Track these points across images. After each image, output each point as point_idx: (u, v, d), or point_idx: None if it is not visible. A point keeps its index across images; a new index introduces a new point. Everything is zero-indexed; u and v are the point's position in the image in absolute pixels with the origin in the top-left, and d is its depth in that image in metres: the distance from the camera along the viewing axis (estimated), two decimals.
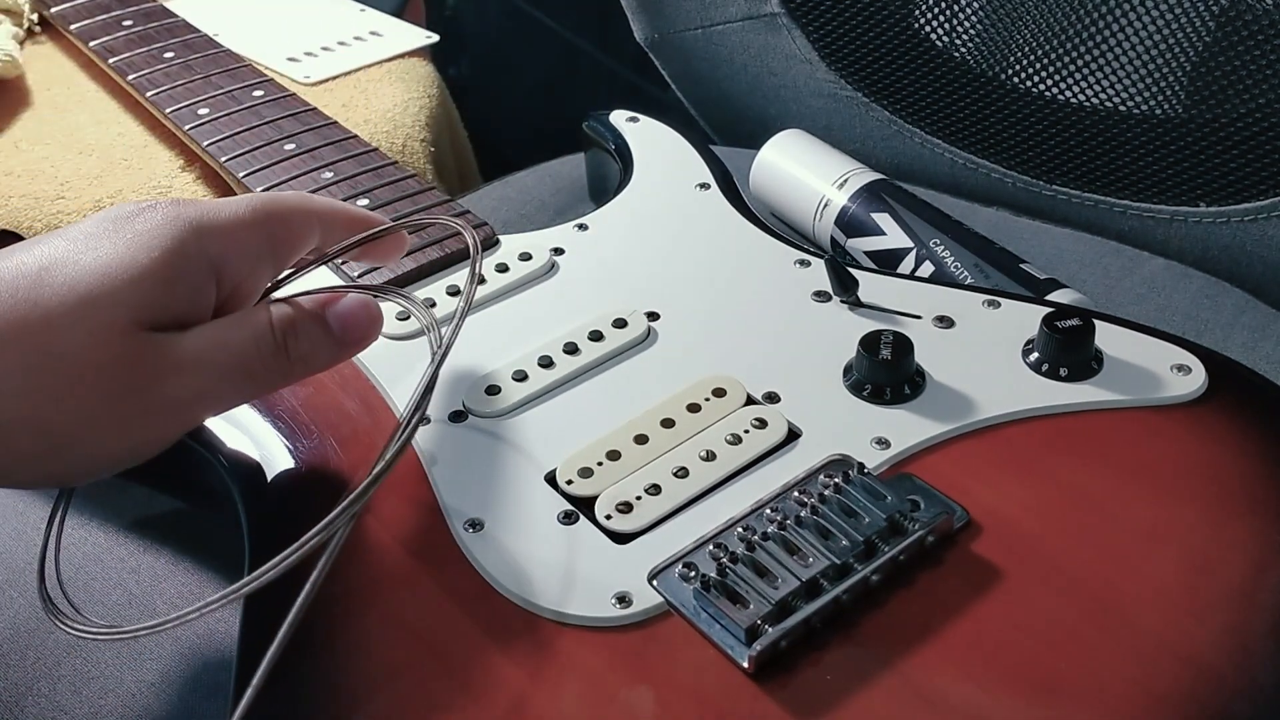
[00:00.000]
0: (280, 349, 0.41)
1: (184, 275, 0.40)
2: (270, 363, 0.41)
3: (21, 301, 0.37)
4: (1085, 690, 0.38)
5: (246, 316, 0.41)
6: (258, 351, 0.41)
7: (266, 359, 0.41)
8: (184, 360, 0.39)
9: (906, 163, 0.75)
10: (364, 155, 0.63)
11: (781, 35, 0.76)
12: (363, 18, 0.89)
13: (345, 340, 0.43)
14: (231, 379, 0.40)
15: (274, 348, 0.41)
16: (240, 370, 0.40)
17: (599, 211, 0.62)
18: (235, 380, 0.41)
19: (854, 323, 0.52)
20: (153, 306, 0.39)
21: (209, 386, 0.40)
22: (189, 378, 0.39)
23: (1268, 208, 0.64)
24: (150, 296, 0.38)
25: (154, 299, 0.39)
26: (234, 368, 0.40)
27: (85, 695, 0.47)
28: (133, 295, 0.38)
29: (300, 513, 0.45)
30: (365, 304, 0.43)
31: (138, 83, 0.71)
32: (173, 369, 0.39)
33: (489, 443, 0.48)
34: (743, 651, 0.39)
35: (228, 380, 0.40)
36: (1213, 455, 0.45)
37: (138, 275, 0.38)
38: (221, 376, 0.40)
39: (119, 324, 0.38)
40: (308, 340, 0.42)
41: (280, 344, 0.41)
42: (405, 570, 0.43)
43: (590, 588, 0.41)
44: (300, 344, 0.42)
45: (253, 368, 0.41)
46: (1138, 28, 0.64)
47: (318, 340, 0.42)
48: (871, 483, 0.43)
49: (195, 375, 0.39)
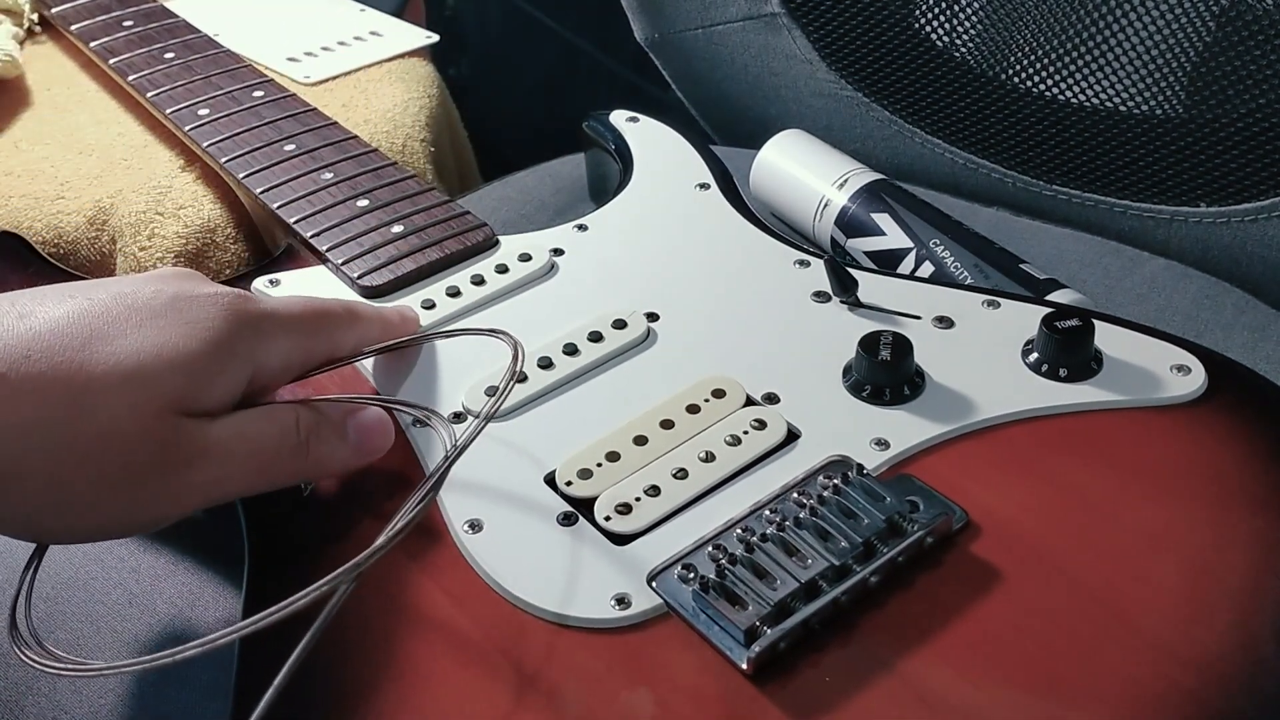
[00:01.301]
0: (301, 448, 0.42)
1: (226, 368, 0.41)
2: (288, 460, 0.42)
3: (69, 361, 0.38)
4: (1085, 691, 0.38)
5: (274, 413, 0.42)
6: (279, 447, 0.42)
7: (285, 456, 0.42)
8: (209, 448, 0.40)
9: (906, 163, 0.75)
10: (364, 155, 0.63)
11: (782, 35, 0.76)
12: (363, 18, 0.89)
13: (360, 450, 0.45)
14: (248, 470, 0.41)
15: (295, 447, 0.42)
16: (259, 463, 0.42)
17: (599, 212, 0.61)
18: (252, 471, 0.42)
19: (854, 323, 0.52)
20: (192, 395, 0.40)
21: (227, 474, 0.41)
22: (211, 465, 0.40)
23: (1268, 208, 0.63)
24: (191, 385, 0.40)
25: (194, 388, 0.40)
26: (254, 459, 0.41)
27: (85, 695, 0.47)
28: (175, 381, 0.39)
29: (299, 515, 0.46)
30: (383, 421, 0.45)
31: (138, 83, 0.71)
32: (199, 455, 0.40)
33: (489, 444, 0.48)
34: (741, 653, 0.39)
35: (245, 470, 0.41)
36: (1213, 455, 0.45)
37: (183, 363, 0.39)
38: (241, 466, 0.41)
39: (156, 405, 0.39)
40: (327, 445, 0.43)
41: (302, 443, 0.42)
42: (404, 571, 0.43)
43: (589, 589, 0.41)
44: (320, 446, 0.43)
45: (271, 462, 0.42)
46: (1138, 28, 0.64)
47: (336, 445, 0.44)
48: (871, 484, 0.43)
49: (217, 463, 0.40)
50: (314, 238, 0.57)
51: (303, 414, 0.43)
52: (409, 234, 0.58)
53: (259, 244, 0.69)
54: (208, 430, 0.40)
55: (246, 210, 0.69)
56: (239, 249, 0.69)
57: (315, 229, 0.58)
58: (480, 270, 0.56)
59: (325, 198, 0.60)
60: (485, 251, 0.58)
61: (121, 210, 0.69)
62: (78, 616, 0.49)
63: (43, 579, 0.50)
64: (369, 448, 0.45)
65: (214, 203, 0.69)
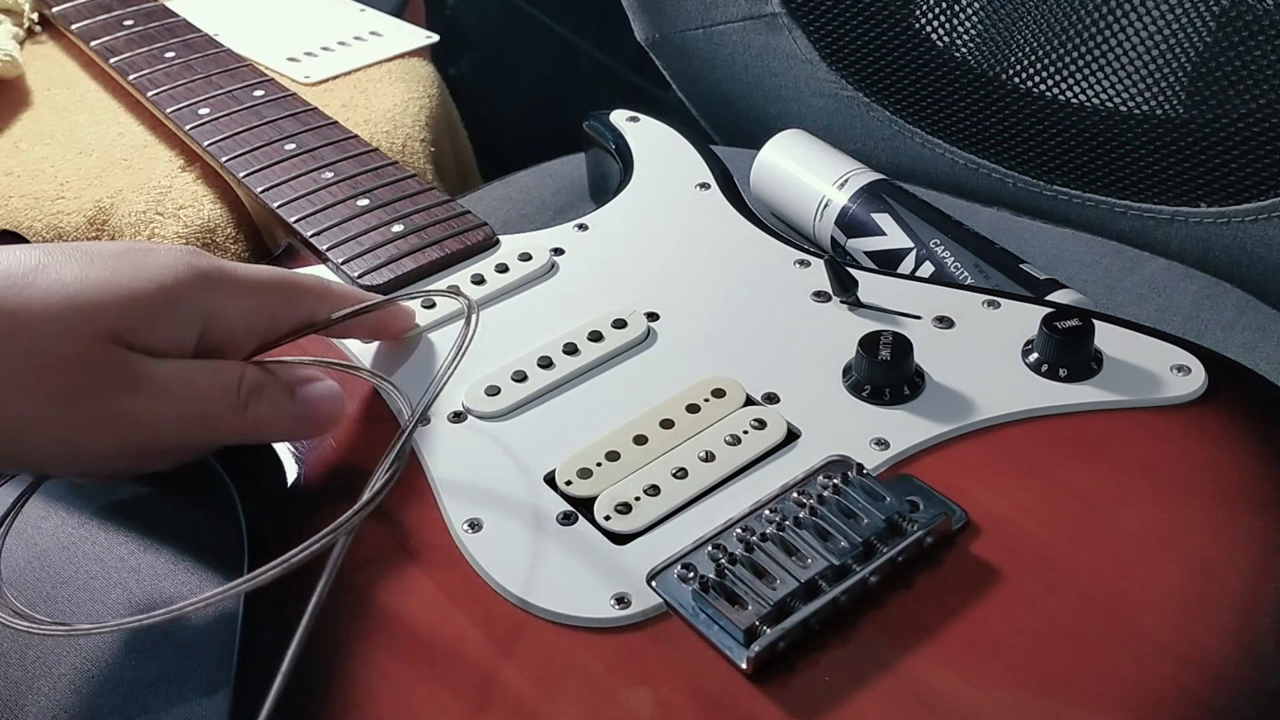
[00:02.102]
0: (240, 406, 0.42)
1: (173, 313, 0.41)
2: (226, 414, 0.42)
3: (14, 288, 0.39)
4: (1084, 692, 0.38)
5: (219, 366, 0.43)
6: (217, 399, 0.42)
7: (223, 410, 0.42)
8: (144, 380, 0.40)
9: (907, 163, 0.75)
10: (364, 155, 0.63)
11: (782, 35, 0.76)
12: (363, 18, 0.89)
13: (305, 419, 0.44)
14: (185, 415, 0.41)
15: (233, 403, 0.42)
16: (196, 410, 0.42)
17: (599, 211, 0.62)
18: (190, 418, 0.42)
19: (854, 323, 0.52)
20: (132, 328, 0.40)
21: (163, 414, 0.41)
22: (146, 398, 0.40)
23: (1268, 208, 0.63)
24: (133, 318, 0.40)
25: (136, 321, 0.40)
26: (191, 405, 0.41)
27: (85, 695, 0.47)
28: (115, 313, 0.40)
29: (297, 512, 0.46)
30: (335, 394, 0.45)
31: (138, 83, 0.71)
32: (132, 384, 0.40)
33: (488, 443, 0.48)
34: (741, 652, 0.39)
35: (182, 415, 0.41)
36: (1213, 456, 0.45)
37: (127, 296, 0.40)
38: (178, 409, 0.41)
39: (95, 330, 0.39)
40: (269, 406, 0.43)
41: (240, 402, 0.42)
42: (404, 570, 0.43)
43: (589, 588, 0.41)
44: (261, 407, 0.43)
45: (209, 412, 0.42)
46: (1138, 28, 0.64)
47: (279, 409, 0.44)
48: (870, 483, 0.43)
49: (152, 398, 0.40)
50: (314, 237, 0.57)
51: (249, 372, 0.43)
52: (409, 233, 0.58)
53: (259, 243, 0.70)
54: (147, 365, 0.40)
55: (247, 210, 0.69)
56: (239, 248, 0.69)
57: (315, 228, 0.58)
58: (480, 270, 0.56)
59: (325, 197, 0.60)
60: (485, 251, 0.58)
61: (121, 210, 0.69)
62: (77, 616, 0.49)
63: (42, 579, 0.51)
64: (315, 418, 0.45)
65: (214, 202, 0.69)
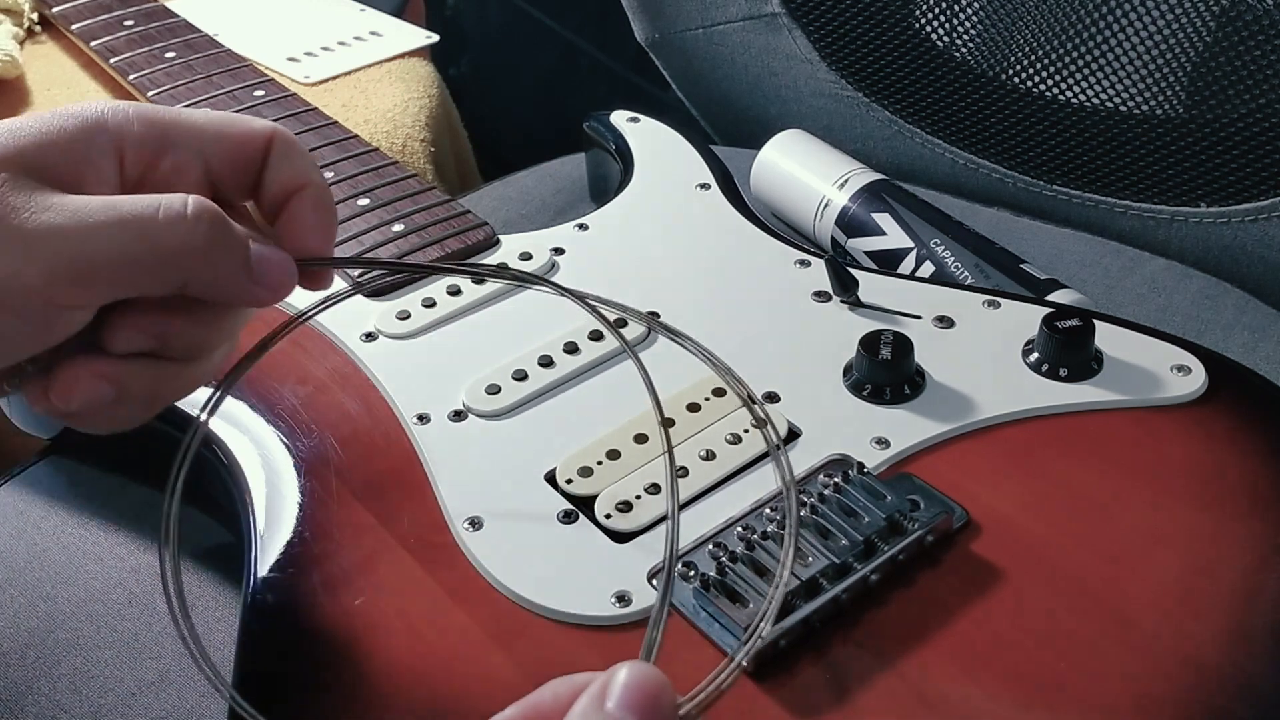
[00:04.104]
0: (187, 225, 0.36)
1: (70, 136, 0.36)
2: (172, 233, 0.36)
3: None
4: (1084, 690, 0.38)
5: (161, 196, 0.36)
6: (159, 213, 0.36)
7: (168, 226, 0.36)
8: (65, 207, 0.35)
9: (907, 163, 0.75)
10: (364, 155, 0.63)
11: (782, 35, 0.76)
12: (363, 18, 0.89)
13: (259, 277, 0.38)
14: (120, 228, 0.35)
15: (179, 218, 0.36)
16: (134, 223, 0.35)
17: (599, 211, 0.62)
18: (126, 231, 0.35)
19: (854, 323, 0.52)
20: (36, 150, 0.36)
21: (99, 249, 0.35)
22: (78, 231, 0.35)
23: (1268, 208, 0.63)
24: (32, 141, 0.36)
25: (37, 143, 0.36)
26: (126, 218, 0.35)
27: (85, 695, 0.47)
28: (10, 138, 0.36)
29: (299, 512, 0.45)
30: (289, 263, 0.39)
31: (139, 82, 0.71)
32: (41, 205, 0.35)
33: (489, 442, 0.48)
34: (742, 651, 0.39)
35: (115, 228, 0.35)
36: (1213, 456, 0.45)
37: (16, 129, 0.36)
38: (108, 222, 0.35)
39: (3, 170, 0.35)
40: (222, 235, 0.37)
41: (189, 219, 0.36)
42: (405, 568, 0.43)
43: (589, 587, 0.41)
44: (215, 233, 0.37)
45: (149, 228, 0.35)
46: (1138, 28, 0.64)
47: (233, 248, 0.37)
48: (871, 482, 0.43)
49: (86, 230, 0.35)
50: None
51: (195, 200, 0.36)
52: (409, 233, 0.58)
53: None
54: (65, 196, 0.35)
55: None
56: None
57: None
58: None
59: None
60: (486, 250, 0.58)
61: None
62: (78, 616, 0.49)
63: (42, 578, 0.51)
64: (268, 283, 0.38)
65: None
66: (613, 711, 0.31)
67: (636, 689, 0.31)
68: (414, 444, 0.48)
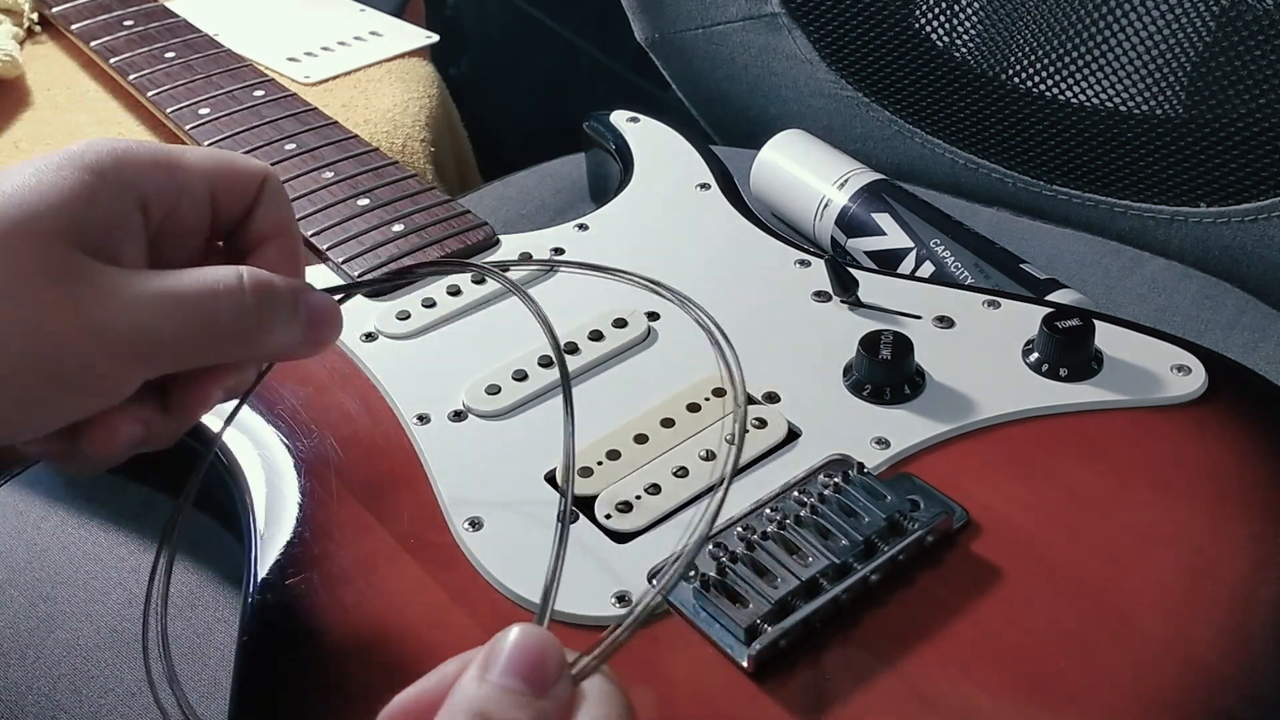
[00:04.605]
0: (247, 311, 0.37)
1: (103, 199, 0.36)
2: (233, 321, 0.36)
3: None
4: (1084, 690, 0.38)
5: (213, 271, 0.37)
6: (220, 301, 0.36)
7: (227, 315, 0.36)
8: (121, 289, 0.35)
9: (907, 163, 0.75)
10: (364, 155, 0.63)
11: (782, 35, 0.76)
12: (363, 18, 0.89)
13: (311, 338, 0.39)
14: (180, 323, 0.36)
15: (240, 307, 0.36)
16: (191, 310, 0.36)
17: (599, 211, 0.62)
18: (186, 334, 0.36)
19: (854, 323, 0.52)
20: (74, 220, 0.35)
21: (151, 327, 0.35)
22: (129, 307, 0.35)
23: (1268, 208, 0.63)
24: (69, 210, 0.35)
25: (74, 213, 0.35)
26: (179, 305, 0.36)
27: (85, 695, 0.47)
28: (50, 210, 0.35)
29: (299, 513, 0.45)
30: (334, 309, 0.40)
31: (139, 82, 0.71)
32: (109, 292, 0.35)
33: (489, 442, 0.48)
34: (742, 651, 0.39)
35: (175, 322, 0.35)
36: (1213, 456, 0.45)
37: (51, 190, 0.35)
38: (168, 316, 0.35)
39: (42, 233, 0.34)
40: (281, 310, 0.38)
41: (249, 306, 0.37)
42: (405, 568, 0.43)
43: (590, 587, 0.41)
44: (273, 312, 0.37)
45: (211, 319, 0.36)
46: (1138, 28, 0.64)
47: (288, 323, 0.38)
48: (871, 482, 0.43)
49: (137, 308, 0.35)
50: (314, 236, 0.57)
51: (248, 275, 0.37)
52: (409, 233, 0.58)
53: None
54: (119, 272, 0.35)
55: None
56: None
57: (315, 227, 0.58)
58: None
59: (325, 196, 0.60)
60: (486, 250, 0.58)
61: None
62: (78, 616, 0.49)
63: (42, 579, 0.51)
64: (320, 333, 0.39)
65: None
66: (495, 680, 0.30)
67: (519, 652, 0.30)
68: (414, 444, 0.48)
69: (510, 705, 0.30)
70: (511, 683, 0.30)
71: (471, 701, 0.30)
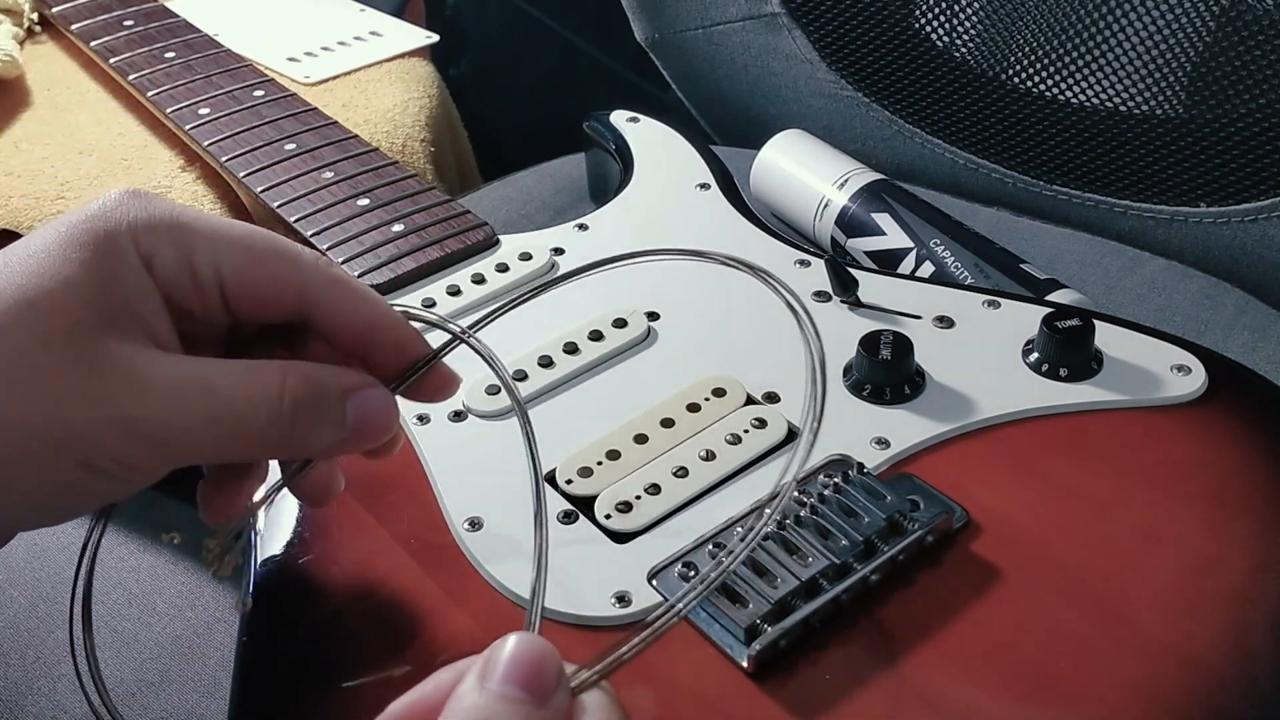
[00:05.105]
0: (282, 419, 0.35)
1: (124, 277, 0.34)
2: (266, 429, 0.35)
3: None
4: (1084, 690, 0.38)
5: (253, 371, 0.35)
6: (254, 412, 0.34)
7: (262, 425, 0.35)
8: (152, 378, 0.34)
9: (907, 163, 0.75)
10: (364, 155, 0.63)
11: (782, 35, 0.76)
12: (363, 18, 0.89)
13: (358, 433, 0.37)
14: (210, 428, 0.34)
15: (275, 416, 0.35)
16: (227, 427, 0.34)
17: (599, 211, 0.62)
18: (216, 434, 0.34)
19: (854, 323, 0.52)
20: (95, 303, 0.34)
21: (179, 423, 0.34)
22: (155, 400, 0.33)
23: (1268, 208, 0.63)
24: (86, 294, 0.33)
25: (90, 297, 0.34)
26: (218, 420, 0.34)
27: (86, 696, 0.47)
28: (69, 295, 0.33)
29: (299, 512, 0.45)
30: (389, 404, 0.38)
31: (138, 82, 0.71)
32: (140, 381, 0.33)
33: (489, 442, 0.48)
34: (742, 651, 0.39)
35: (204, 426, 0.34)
36: (1213, 456, 0.45)
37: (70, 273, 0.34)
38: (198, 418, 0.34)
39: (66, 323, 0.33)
40: (316, 423, 0.36)
41: (285, 414, 0.35)
42: (405, 568, 0.43)
43: (589, 587, 0.41)
44: (307, 425, 0.35)
45: (241, 429, 0.35)
46: (1138, 28, 0.64)
47: (328, 428, 0.36)
48: (871, 482, 0.43)
49: (164, 403, 0.33)
50: (314, 236, 0.57)
51: (291, 378, 0.35)
52: (409, 233, 0.58)
53: None
54: (149, 357, 0.34)
55: (247, 209, 0.69)
56: None
57: (315, 228, 0.58)
58: (480, 269, 0.56)
59: (325, 196, 0.60)
60: (486, 250, 0.58)
61: None
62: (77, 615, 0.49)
63: (41, 579, 0.51)
64: (367, 432, 0.37)
65: (214, 202, 0.69)
66: (494, 689, 0.30)
67: (518, 662, 0.30)
68: (414, 444, 0.48)
69: (509, 714, 0.29)
70: (511, 691, 0.30)
71: (470, 710, 0.29)
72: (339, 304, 0.38)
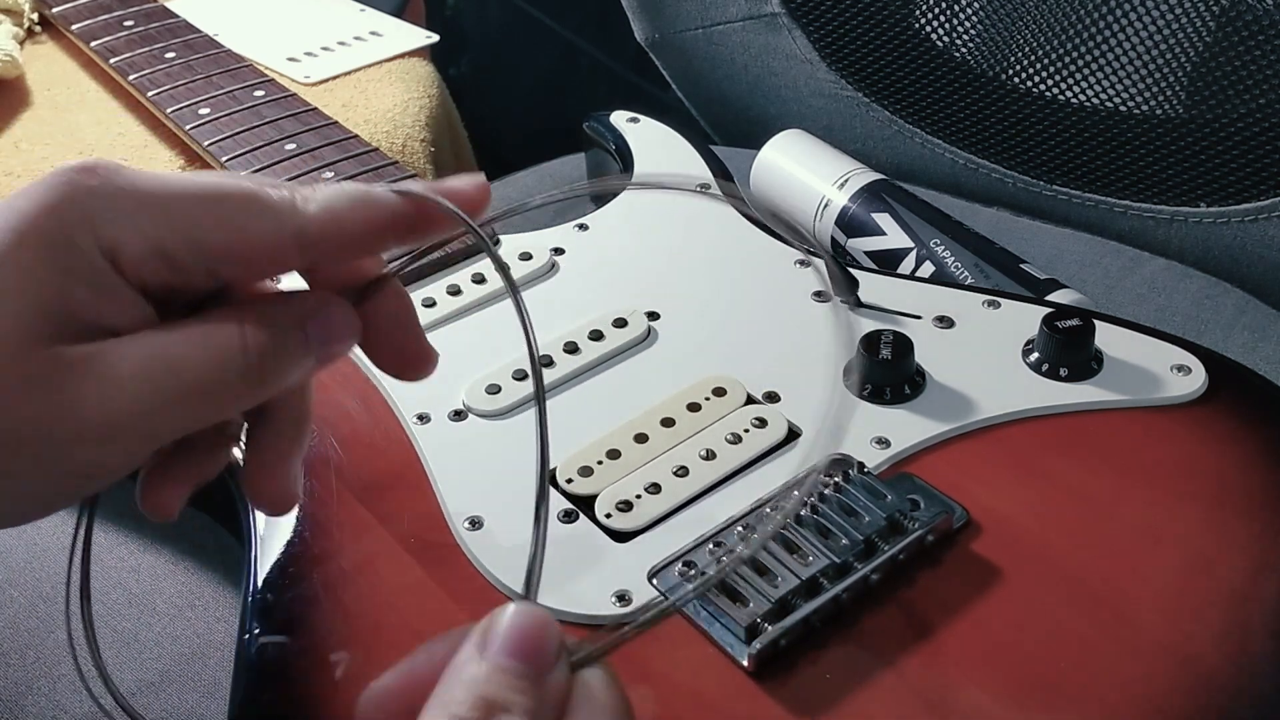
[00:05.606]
0: (252, 371, 0.33)
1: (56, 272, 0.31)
2: (236, 385, 0.33)
3: None
4: (1084, 690, 0.38)
5: (208, 332, 0.33)
6: (222, 375, 0.33)
7: (233, 381, 0.33)
8: (112, 376, 0.31)
9: (907, 163, 0.75)
10: (364, 155, 0.63)
11: (782, 35, 0.76)
12: (363, 18, 0.89)
13: (325, 357, 0.35)
14: (181, 401, 0.32)
15: (243, 370, 0.33)
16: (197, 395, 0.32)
17: (599, 211, 0.62)
18: (188, 403, 0.32)
19: (854, 323, 0.52)
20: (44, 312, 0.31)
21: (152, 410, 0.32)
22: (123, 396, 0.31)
23: (1268, 208, 0.63)
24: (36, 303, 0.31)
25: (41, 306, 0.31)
26: (185, 392, 0.32)
27: (84, 695, 0.47)
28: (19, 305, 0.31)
29: (299, 512, 0.45)
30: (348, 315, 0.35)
31: (139, 83, 0.71)
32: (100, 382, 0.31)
33: (489, 441, 0.48)
34: (742, 649, 0.39)
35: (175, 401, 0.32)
36: (1212, 456, 0.45)
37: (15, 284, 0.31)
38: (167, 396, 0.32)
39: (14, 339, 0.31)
40: (287, 359, 0.34)
41: (253, 366, 0.33)
42: (405, 568, 0.43)
43: (590, 586, 0.41)
44: (278, 365, 0.34)
45: (213, 391, 0.33)
46: (1138, 28, 0.64)
47: (297, 359, 0.34)
48: (871, 482, 0.43)
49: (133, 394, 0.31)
50: None
51: (249, 328, 0.33)
52: None
53: None
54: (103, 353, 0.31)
55: None
56: None
57: None
58: (481, 269, 0.56)
59: None
60: None
61: None
62: (77, 616, 0.49)
63: (42, 579, 0.51)
64: (334, 352, 0.35)
65: None
66: (493, 659, 0.29)
67: (517, 631, 0.29)
68: (414, 443, 0.48)
69: (508, 687, 0.29)
70: (509, 662, 0.29)
71: (471, 681, 0.29)
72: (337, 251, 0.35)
